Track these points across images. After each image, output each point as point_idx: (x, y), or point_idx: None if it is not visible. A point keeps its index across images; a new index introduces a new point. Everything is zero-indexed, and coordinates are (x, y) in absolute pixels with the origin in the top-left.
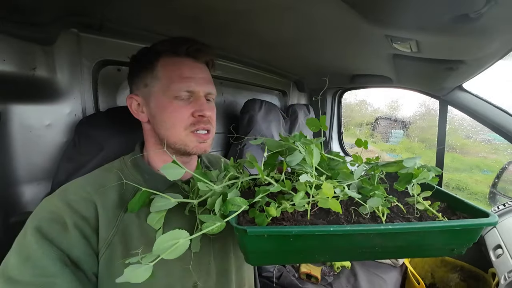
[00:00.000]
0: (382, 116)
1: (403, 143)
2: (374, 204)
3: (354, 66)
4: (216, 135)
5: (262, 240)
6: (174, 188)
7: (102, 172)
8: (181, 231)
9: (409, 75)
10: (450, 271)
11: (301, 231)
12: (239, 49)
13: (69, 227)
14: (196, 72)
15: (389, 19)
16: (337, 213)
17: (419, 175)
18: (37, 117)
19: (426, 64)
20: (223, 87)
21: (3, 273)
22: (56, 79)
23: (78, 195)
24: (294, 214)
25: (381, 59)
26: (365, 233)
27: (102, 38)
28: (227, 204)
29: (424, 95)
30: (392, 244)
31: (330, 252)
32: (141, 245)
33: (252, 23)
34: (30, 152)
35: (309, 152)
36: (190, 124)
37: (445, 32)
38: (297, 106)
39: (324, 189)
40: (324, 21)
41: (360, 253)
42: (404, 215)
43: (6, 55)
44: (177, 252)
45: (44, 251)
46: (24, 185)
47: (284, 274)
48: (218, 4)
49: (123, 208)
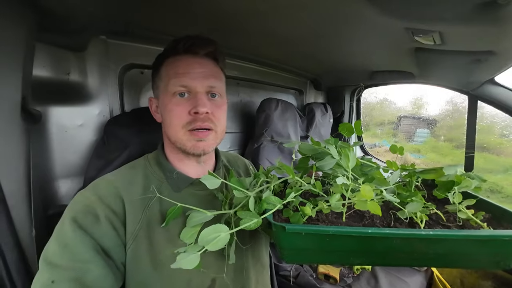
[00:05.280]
0: (405, 115)
1: (428, 143)
2: (414, 209)
3: (373, 62)
4: (233, 134)
5: (299, 238)
6: (194, 186)
7: (128, 170)
8: (222, 225)
9: (433, 69)
10: (481, 278)
11: (339, 231)
12: (256, 49)
13: (101, 219)
14: (193, 67)
15: (409, 11)
16: (372, 217)
17: (461, 183)
18: (71, 118)
19: (452, 57)
20: (240, 87)
21: (45, 258)
22: (87, 83)
23: (108, 190)
24: (328, 216)
25: (402, 53)
26: (404, 238)
27: (127, 43)
28: (262, 203)
29: (451, 90)
30: (432, 251)
31: (366, 255)
32: (164, 239)
33: (268, 23)
34: (65, 150)
35: (345, 155)
36: (187, 122)
37: (471, 21)
38: (314, 105)
39: (363, 191)
40: (340, 17)
41: (396, 258)
42: (444, 223)
43: (45, 62)
44: (220, 244)
45: (80, 239)
46: (60, 180)
47: (302, 273)
48: (235, 6)
49: (147, 204)
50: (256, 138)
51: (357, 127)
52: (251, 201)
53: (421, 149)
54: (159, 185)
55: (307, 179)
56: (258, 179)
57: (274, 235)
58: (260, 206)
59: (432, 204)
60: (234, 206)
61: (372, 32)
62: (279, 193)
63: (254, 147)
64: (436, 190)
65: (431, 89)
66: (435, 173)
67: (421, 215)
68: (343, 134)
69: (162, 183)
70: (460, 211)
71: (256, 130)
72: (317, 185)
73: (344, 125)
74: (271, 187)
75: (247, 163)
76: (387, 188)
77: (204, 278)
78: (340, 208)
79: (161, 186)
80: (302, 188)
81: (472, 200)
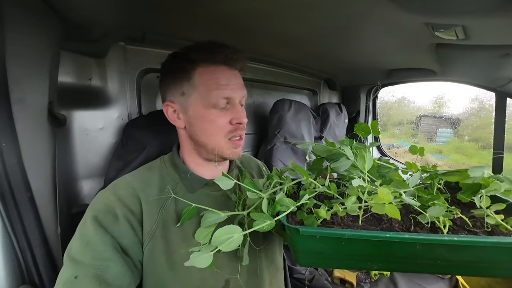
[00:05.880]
0: (425, 114)
1: (451, 143)
2: (436, 213)
3: (390, 60)
4: (246, 135)
5: (314, 241)
6: (209, 187)
7: (145, 171)
8: (235, 226)
9: (456, 66)
10: None
11: (355, 235)
12: (268, 50)
13: (119, 218)
14: (231, 79)
15: (428, 5)
16: (390, 221)
17: (489, 186)
18: (92, 121)
19: (477, 52)
20: (253, 88)
21: (69, 254)
22: (107, 88)
23: (127, 191)
24: (344, 219)
25: (421, 50)
26: (426, 243)
27: (144, 49)
28: (275, 204)
29: (476, 87)
30: (457, 258)
31: (384, 260)
32: (179, 239)
33: (280, 23)
34: (87, 152)
35: (361, 156)
36: (229, 131)
37: (497, 13)
38: (328, 105)
39: (380, 194)
40: (355, 14)
41: (418, 264)
42: (470, 229)
43: (69, 68)
44: (233, 245)
45: (101, 237)
46: (83, 180)
47: (316, 277)
48: (246, 8)
49: (163, 204)
50: (269, 139)
51: (374, 127)
52: (265, 202)
53: (444, 149)
54: (174, 186)
55: (321, 180)
56: (271, 180)
57: (288, 237)
58: (273, 208)
59: (456, 208)
60: (248, 207)
61: (389, 29)
62: (293, 195)
63: (267, 148)
64: (460, 193)
65: (453, 87)
66: (459, 175)
67: (444, 220)
68: (358, 135)
69: (177, 184)
70: (488, 216)
71: (269, 132)
72: (331, 187)
73: (359, 125)
74: (284, 188)
75: (260, 165)
76: (407, 191)
77: (218, 279)
78: (356, 211)
79: (176, 187)
80: (316, 190)
81: (501, 204)
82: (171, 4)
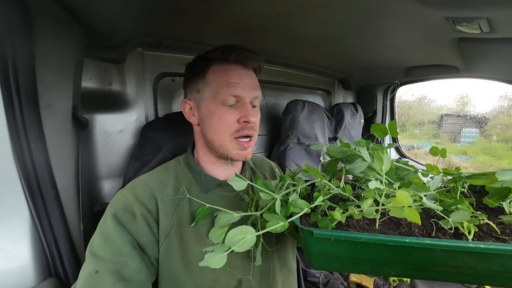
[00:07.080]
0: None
1: (478, 144)
2: (459, 218)
3: (409, 57)
4: (259, 137)
5: (328, 244)
6: (222, 187)
7: (161, 171)
8: (248, 227)
9: (481, 61)
10: None
11: (372, 239)
12: (282, 51)
13: (137, 216)
14: (243, 78)
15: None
16: (410, 226)
17: None
18: (112, 124)
19: (504, 46)
20: (266, 90)
21: (90, 249)
22: (126, 92)
23: (144, 190)
24: (359, 222)
25: (442, 45)
26: (448, 250)
27: (160, 54)
28: (288, 206)
29: (505, 83)
30: (483, 267)
31: (402, 266)
32: (193, 238)
33: (294, 23)
34: (107, 154)
35: (378, 157)
36: (235, 130)
37: None
38: (343, 105)
39: (399, 197)
40: (372, 11)
41: (439, 272)
42: (498, 236)
43: (92, 74)
44: (246, 246)
45: (119, 234)
46: (103, 180)
47: (332, 281)
48: (259, 10)
49: (178, 204)
50: (282, 140)
51: (392, 128)
52: (278, 203)
53: (469, 150)
54: (188, 186)
55: (336, 182)
56: (284, 181)
57: (301, 239)
58: (286, 209)
59: (482, 214)
60: (260, 208)
61: (407, 25)
62: (306, 197)
63: (280, 149)
64: (487, 198)
65: (478, 84)
66: (485, 179)
67: (469, 225)
68: (375, 136)
69: (191, 184)
70: None
71: (282, 133)
72: (347, 189)
73: (376, 125)
74: (298, 190)
75: (273, 166)
76: (427, 194)
77: (231, 279)
78: (373, 214)
79: (190, 187)
80: (330, 192)
81: None
82: (186, 11)
